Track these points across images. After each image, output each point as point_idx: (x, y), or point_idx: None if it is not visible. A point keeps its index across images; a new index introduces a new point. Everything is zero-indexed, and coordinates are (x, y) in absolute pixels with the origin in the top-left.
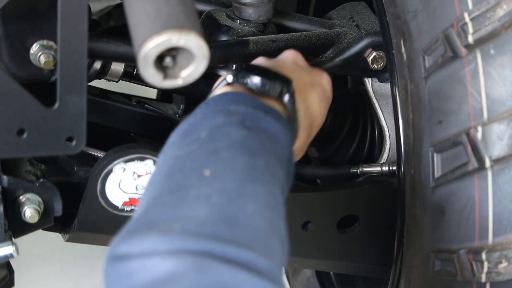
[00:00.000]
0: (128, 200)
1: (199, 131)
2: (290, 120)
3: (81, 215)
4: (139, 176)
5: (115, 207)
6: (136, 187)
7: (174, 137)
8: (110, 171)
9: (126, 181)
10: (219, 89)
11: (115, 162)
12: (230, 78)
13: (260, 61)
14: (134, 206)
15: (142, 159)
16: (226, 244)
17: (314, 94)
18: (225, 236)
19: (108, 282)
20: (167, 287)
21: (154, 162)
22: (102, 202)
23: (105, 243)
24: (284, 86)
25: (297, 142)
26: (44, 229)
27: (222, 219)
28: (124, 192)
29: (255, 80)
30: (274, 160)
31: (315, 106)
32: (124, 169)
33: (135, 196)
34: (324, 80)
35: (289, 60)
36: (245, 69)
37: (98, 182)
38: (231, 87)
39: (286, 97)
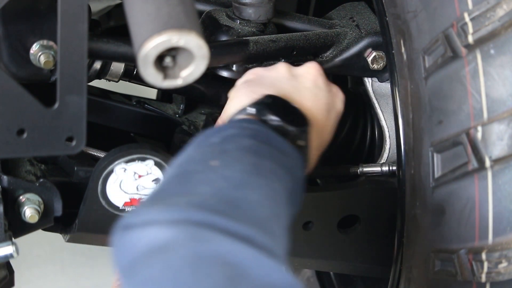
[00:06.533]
0: (129, 200)
1: (212, 139)
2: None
3: (82, 215)
4: (140, 176)
5: (116, 208)
6: (137, 188)
7: (188, 147)
8: (111, 172)
9: (127, 181)
10: (237, 115)
11: (116, 162)
12: (251, 110)
13: (281, 72)
14: (135, 206)
15: (143, 159)
16: (227, 218)
17: (328, 119)
18: (226, 212)
19: (114, 251)
20: (165, 255)
21: (155, 162)
22: (103, 202)
23: (106, 243)
24: (300, 135)
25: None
26: (44, 230)
27: (224, 200)
28: (125, 192)
29: (274, 120)
30: (282, 169)
31: (327, 128)
32: (125, 169)
33: (136, 197)
34: (339, 101)
35: (310, 80)
36: (268, 105)
37: (99, 183)
38: (249, 116)
39: (301, 142)
